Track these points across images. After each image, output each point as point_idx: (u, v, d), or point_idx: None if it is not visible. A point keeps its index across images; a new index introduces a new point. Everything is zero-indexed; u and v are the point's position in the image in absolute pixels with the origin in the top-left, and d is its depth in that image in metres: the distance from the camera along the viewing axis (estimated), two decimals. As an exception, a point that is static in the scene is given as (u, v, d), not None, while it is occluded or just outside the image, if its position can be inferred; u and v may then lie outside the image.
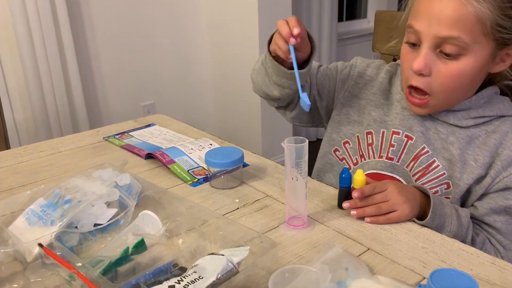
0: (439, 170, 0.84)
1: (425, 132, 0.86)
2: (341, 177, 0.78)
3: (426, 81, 0.79)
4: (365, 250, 0.70)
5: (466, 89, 0.81)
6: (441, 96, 0.80)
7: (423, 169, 0.86)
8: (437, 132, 0.85)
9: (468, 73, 0.77)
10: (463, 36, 0.74)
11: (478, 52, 0.76)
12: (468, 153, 0.83)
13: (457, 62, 0.76)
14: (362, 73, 0.96)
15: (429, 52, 0.77)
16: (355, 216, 0.77)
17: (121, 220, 0.75)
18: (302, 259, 0.68)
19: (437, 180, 0.85)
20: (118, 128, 1.24)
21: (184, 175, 0.93)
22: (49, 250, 0.61)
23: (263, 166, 0.98)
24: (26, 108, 2.12)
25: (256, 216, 0.80)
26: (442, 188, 0.85)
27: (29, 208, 0.74)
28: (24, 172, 0.99)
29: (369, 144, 0.91)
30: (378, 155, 0.90)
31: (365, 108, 0.93)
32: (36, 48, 1.98)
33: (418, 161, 0.86)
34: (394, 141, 0.88)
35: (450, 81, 0.78)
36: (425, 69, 0.78)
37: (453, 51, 0.75)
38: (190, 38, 2.60)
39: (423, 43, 0.77)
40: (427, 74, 0.78)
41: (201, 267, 0.57)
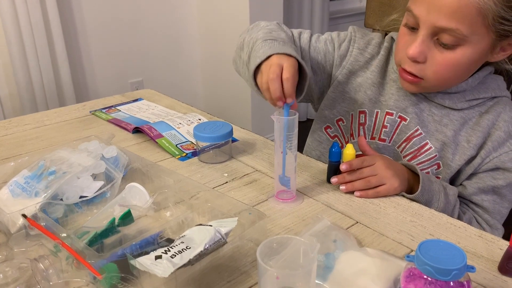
0: (431, 152, 0.84)
1: (419, 114, 0.85)
2: (331, 151, 0.78)
3: (420, 67, 0.77)
4: (353, 223, 0.70)
5: (460, 77, 0.79)
6: (433, 83, 0.79)
7: (415, 151, 0.85)
8: (432, 114, 0.84)
9: (464, 63, 0.75)
10: (462, 28, 0.70)
11: (476, 44, 0.73)
12: (461, 134, 0.83)
13: (454, 52, 0.73)
14: (363, 50, 0.92)
15: (426, 39, 0.74)
16: (344, 191, 0.77)
17: (108, 192, 0.74)
18: (291, 231, 0.68)
19: (428, 162, 0.84)
20: (105, 102, 1.22)
21: (172, 149, 0.92)
22: (33, 221, 0.60)
23: (252, 141, 0.97)
24: (11, 84, 2.08)
25: (245, 190, 0.79)
26: (433, 169, 0.85)
27: (13, 180, 0.72)
28: (8, 145, 0.97)
29: (361, 123, 0.90)
30: (371, 136, 0.89)
31: (361, 85, 0.91)
32: (22, 24, 1.93)
33: (410, 142, 0.85)
34: (387, 122, 0.87)
35: (444, 70, 0.76)
36: (420, 57, 0.75)
37: (450, 41, 0.72)
38: (180, 15, 2.55)
39: (421, 29, 0.74)
40: (422, 61, 0.76)
41: (188, 237, 0.56)
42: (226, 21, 2.44)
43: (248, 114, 2.49)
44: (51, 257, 0.55)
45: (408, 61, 0.77)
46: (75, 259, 0.54)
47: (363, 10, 1.24)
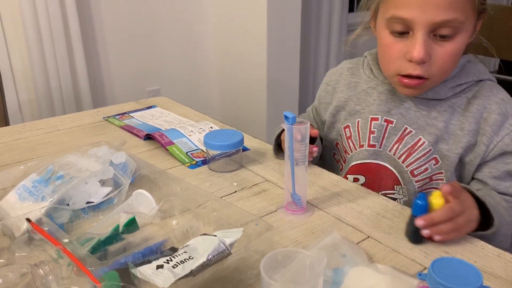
0: (425, 147, 0.82)
1: (405, 113, 0.84)
2: (416, 204, 0.64)
3: (426, 67, 0.76)
4: (364, 238, 0.67)
5: (456, 64, 0.80)
6: (437, 78, 0.79)
7: (409, 149, 0.84)
8: (419, 110, 0.83)
9: (461, 49, 0.77)
10: (459, 16, 0.72)
11: (468, 27, 0.75)
12: (453, 123, 0.81)
13: (453, 41, 0.75)
14: (329, 81, 0.97)
15: (426, 38, 0.74)
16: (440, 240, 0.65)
17: (115, 198, 0.73)
18: (299, 244, 0.66)
19: (425, 158, 0.83)
20: (119, 109, 1.22)
21: (182, 157, 0.91)
22: (36, 225, 0.59)
23: (263, 151, 0.95)
24: (30, 90, 2.11)
25: (254, 200, 0.77)
26: (431, 164, 0.83)
27: (21, 184, 0.72)
28: (20, 149, 0.97)
29: (348, 137, 0.91)
30: (359, 145, 0.88)
31: (338, 107, 0.93)
32: (42, 31, 1.96)
33: (402, 142, 0.84)
34: (374, 127, 0.86)
35: (447, 62, 0.76)
36: (427, 57, 0.74)
37: (449, 32, 0.73)
38: (198, 25, 2.56)
39: (417, 30, 0.73)
40: (427, 60, 0.75)
41: (192, 247, 0.55)
42: (243, 32, 2.44)
43: (263, 123, 2.48)
44: (52, 263, 0.54)
45: (412, 66, 0.76)
46: (75, 265, 0.53)
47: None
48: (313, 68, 3.06)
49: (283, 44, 2.42)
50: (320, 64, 3.04)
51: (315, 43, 2.98)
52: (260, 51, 2.38)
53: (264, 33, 2.32)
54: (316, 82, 3.08)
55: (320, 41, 2.97)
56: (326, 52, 3.03)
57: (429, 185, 0.84)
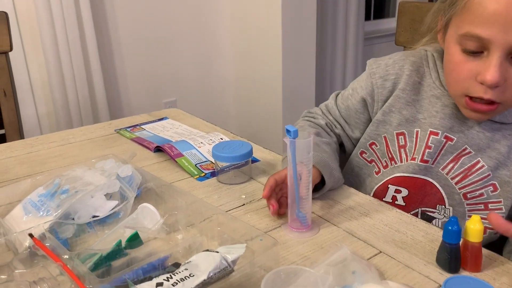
0: (483, 171, 0.78)
1: (467, 132, 0.78)
2: (448, 230, 0.58)
3: (499, 91, 0.69)
4: (376, 253, 0.65)
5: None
6: (510, 104, 0.72)
7: (465, 170, 0.79)
8: (481, 131, 0.78)
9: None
10: None
11: None
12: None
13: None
14: (385, 75, 0.85)
15: (503, 61, 0.67)
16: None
17: (121, 212, 0.72)
18: (307, 260, 0.63)
19: (482, 182, 0.78)
20: (131, 121, 1.22)
21: (191, 169, 0.90)
22: (38, 241, 0.58)
23: (273, 162, 0.93)
24: (48, 103, 2.14)
25: (262, 213, 0.75)
26: (488, 190, 0.78)
27: (28, 198, 0.72)
28: (31, 162, 0.97)
29: (401, 146, 0.83)
30: (411, 157, 0.82)
31: (393, 106, 0.84)
32: (59, 44, 1.99)
33: (459, 162, 0.79)
34: (432, 142, 0.80)
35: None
36: (501, 81, 0.68)
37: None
38: (213, 36, 2.57)
39: (494, 51, 0.67)
40: (501, 85, 0.69)
41: (193, 264, 0.53)
42: (258, 42, 2.44)
43: (280, 134, 2.46)
44: (51, 280, 0.53)
45: (483, 89, 0.70)
46: (73, 282, 0.51)
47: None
48: (330, 77, 3.03)
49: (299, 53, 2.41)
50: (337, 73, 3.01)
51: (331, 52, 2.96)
52: (275, 60, 2.37)
53: (279, 42, 2.31)
54: (333, 90, 3.05)
55: (336, 50, 2.95)
56: (343, 61, 3.00)
57: (484, 214, 0.78)
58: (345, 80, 3.05)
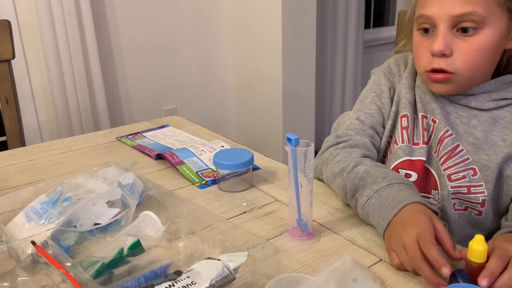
0: (463, 155, 0.81)
1: (447, 116, 0.83)
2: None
3: (449, 61, 0.77)
4: (377, 261, 0.65)
5: (489, 64, 0.79)
6: (466, 74, 0.77)
7: (449, 152, 0.82)
8: (459, 116, 0.83)
9: (489, 46, 0.76)
10: (479, 10, 0.73)
11: (495, 24, 0.75)
12: (495, 134, 0.80)
13: (477, 36, 0.75)
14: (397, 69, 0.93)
15: (447, 32, 0.76)
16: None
17: (122, 220, 0.72)
18: (308, 268, 0.64)
19: (463, 164, 0.81)
20: (132, 128, 1.22)
21: (192, 177, 0.90)
22: (41, 248, 0.58)
23: (274, 170, 0.94)
24: (50, 110, 2.15)
25: (263, 220, 0.76)
26: (469, 173, 0.80)
27: (30, 205, 0.72)
28: (33, 169, 0.98)
29: (404, 127, 0.87)
30: (413, 141, 0.86)
31: (400, 93, 0.90)
32: (61, 52, 2.00)
33: (443, 143, 0.82)
34: (425, 125, 0.86)
35: (472, 56, 0.76)
36: (447, 49, 0.76)
37: (470, 25, 0.74)
38: (213, 44, 2.59)
39: (438, 26, 0.76)
40: (449, 54, 0.76)
41: (195, 272, 0.53)
42: (259, 50, 2.45)
43: (280, 141, 2.46)
44: (54, 287, 0.53)
45: (435, 59, 0.78)
46: (76, 290, 0.52)
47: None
48: (330, 85, 3.04)
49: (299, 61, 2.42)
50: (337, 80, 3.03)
51: (331, 59, 2.97)
52: (276, 68, 2.38)
53: (279, 50, 2.32)
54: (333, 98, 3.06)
55: (336, 58, 2.96)
56: (343, 69, 3.01)
57: (467, 198, 0.80)
58: (345, 88, 3.06)
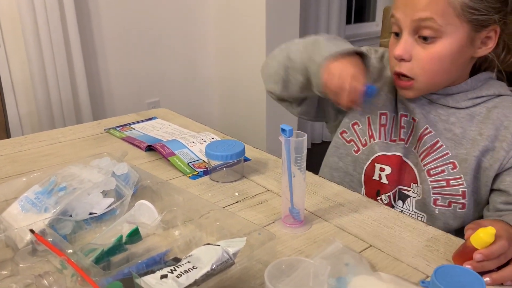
0: (442, 150, 0.84)
1: (426, 115, 0.86)
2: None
3: (409, 66, 0.80)
4: (367, 246, 0.68)
5: (448, 72, 0.81)
6: (424, 80, 0.81)
7: (428, 148, 0.85)
8: (438, 114, 0.86)
9: (446, 55, 0.78)
10: (436, 18, 0.75)
11: (453, 34, 0.77)
12: (472, 129, 0.83)
13: (434, 45, 0.78)
14: (380, 59, 0.96)
15: (408, 38, 0.79)
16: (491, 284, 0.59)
17: (117, 209, 0.73)
18: (302, 253, 0.66)
19: (442, 159, 0.84)
20: (119, 120, 1.22)
21: (183, 168, 0.92)
22: (40, 236, 0.59)
23: (264, 161, 0.96)
24: (31, 102, 2.12)
25: (255, 209, 0.78)
26: (448, 167, 0.84)
27: (24, 195, 0.72)
28: (22, 161, 0.97)
29: (382, 125, 0.91)
30: (390, 138, 0.90)
31: (382, 89, 0.92)
32: (42, 43, 1.97)
33: (422, 140, 0.86)
34: (404, 123, 0.89)
35: (430, 64, 0.79)
36: (405, 55, 0.79)
37: (429, 34, 0.77)
38: (197, 37, 2.58)
39: (403, 30, 0.79)
40: (408, 59, 0.80)
41: (195, 257, 0.55)
42: (243, 43, 2.46)
43: (263, 133, 2.48)
44: (56, 273, 0.54)
45: (397, 63, 0.82)
46: (79, 276, 0.53)
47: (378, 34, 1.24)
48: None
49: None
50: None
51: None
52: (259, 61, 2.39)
53: (263, 44, 2.34)
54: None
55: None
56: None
57: (447, 191, 0.84)
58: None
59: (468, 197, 0.83)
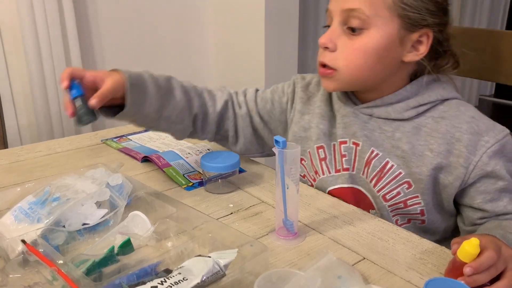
0: (394, 171, 0.81)
1: (370, 135, 0.82)
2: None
3: (332, 56, 0.78)
4: (360, 259, 0.67)
5: (372, 68, 0.77)
6: (346, 72, 0.78)
7: (378, 173, 0.82)
8: (383, 131, 0.81)
9: (372, 48, 0.75)
10: (364, 8, 0.74)
11: (382, 27, 0.75)
12: (421, 143, 0.79)
13: (360, 36, 0.76)
14: (305, 88, 0.93)
15: (337, 27, 0.77)
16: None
17: (111, 220, 0.73)
18: (294, 266, 0.66)
19: (395, 181, 0.81)
20: (117, 131, 1.23)
21: (179, 179, 0.92)
22: (31, 247, 0.59)
23: (259, 172, 0.96)
24: (30, 114, 2.12)
25: (250, 221, 0.77)
26: (403, 188, 0.81)
27: (17, 205, 0.72)
28: (18, 171, 0.98)
29: (322, 159, 0.88)
30: (335, 169, 0.87)
31: (311, 121, 0.90)
32: (43, 55, 1.99)
33: (371, 165, 0.82)
34: (344, 150, 0.85)
35: (353, 55, 0.76)
36: (330, 43, 0.77)
37: (357, 25, 0.75)
38: (197, 49, 2.60)
39: (334, 20, 0.78)
40: (332, 48, 0.77)
41: (186, 268, 0.55)
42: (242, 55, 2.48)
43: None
44: (46, 284, 0.53)
45: (322, 52, 0.79)
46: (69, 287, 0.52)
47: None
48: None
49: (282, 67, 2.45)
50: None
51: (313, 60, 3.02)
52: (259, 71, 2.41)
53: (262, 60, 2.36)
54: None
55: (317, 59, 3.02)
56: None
57: (405, 211, 0.82)
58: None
59: (428, 214, 0.81)
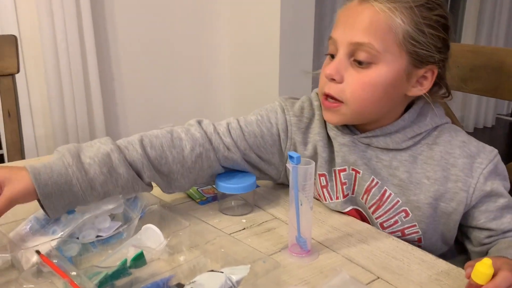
0: (392, 199, 0.80)
1: (369, 164, 0.81)
2: None
3: (339, 88, 0.76)
4: (374, 278, 0.66)
5: (378, 102, 0.76)
6: (353, 106, 0.76)
7: (377, 201, 0.81)
8: (380, 160, 0.81)
9: (380, 82, 0.74)
10: (374, 43, 0.72)
11: (391, 63, 0.74)
12: (418, 172, 0.79)
13: (369, 70, 0.74)
14: (300, 115, 0.86)
15: (343, 59, 0.75)
16: None
17: (124, 233, 0.73)
18: (307, 284, 0.65)
19: (393, 210, 0.80)
20: (132, 145, 1.23)
21: (192, 193, 0.92)
22: (46, 257, 0.59)
23: (273, 188, 0.95)
24: (47, 125, 2.16)
25: (262, 237, 0.77)
26: (401, 216, 0.80)
27: (33, 216, 0.73)
28: (34, 182, 0.98)
29: (323, 186, 0.86)
30: (335, 196, 0.85)
31: (314, 150, 0.86)
32: (61, 68, 2.03)
33: (370, 193, 0.82)
34: (344, 178, 0.83)
35: (360, 89, 0.75)
36: (337, 75, 0.75)
37: (365, 58, 0.73)
38: (212, 64, 2.63)
39: (339, 50, 0.76)
40: (339, 80, 0.75)
41: (198, 283, 0.55)
42: (257, 70, 2.50)
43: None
44: (59, 296, 0.54)
45: (327, 83, 0.77)
46: (81, 299, 0.53)
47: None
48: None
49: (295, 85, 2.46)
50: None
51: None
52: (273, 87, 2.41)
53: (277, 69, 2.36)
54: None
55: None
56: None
57: (403, 239, 0.80)
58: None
59: (425, 241, 0.81)
